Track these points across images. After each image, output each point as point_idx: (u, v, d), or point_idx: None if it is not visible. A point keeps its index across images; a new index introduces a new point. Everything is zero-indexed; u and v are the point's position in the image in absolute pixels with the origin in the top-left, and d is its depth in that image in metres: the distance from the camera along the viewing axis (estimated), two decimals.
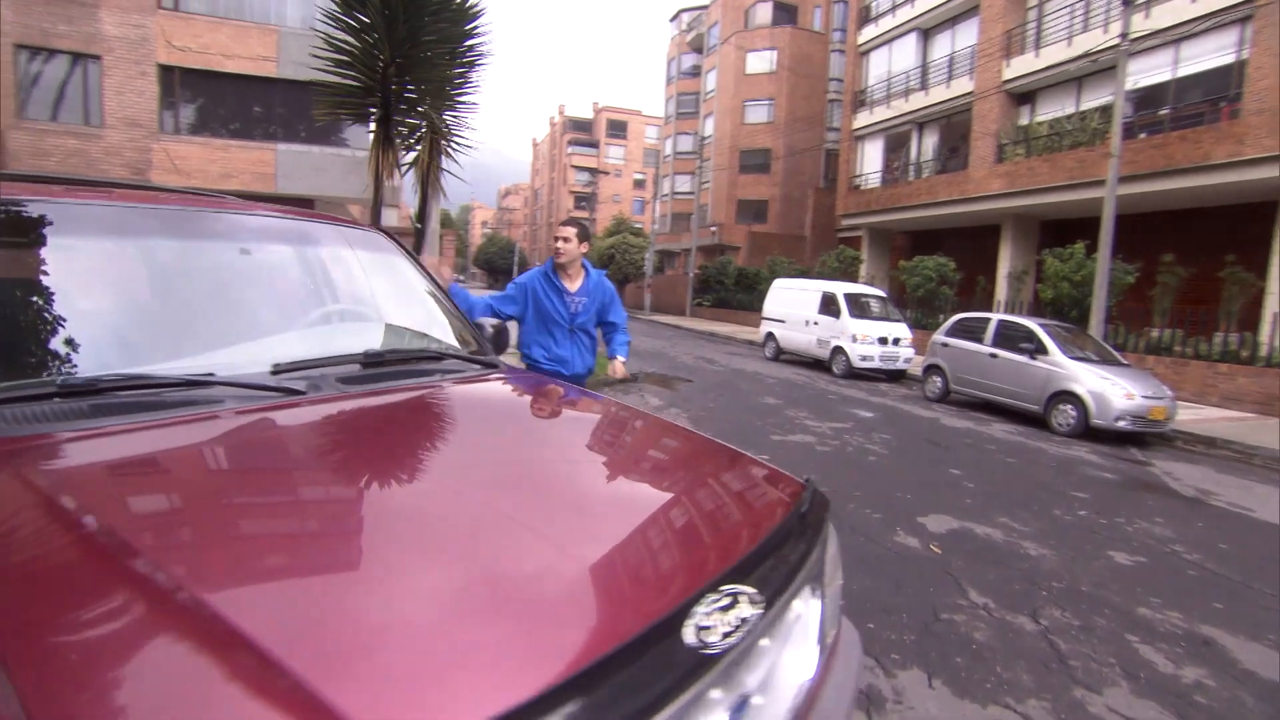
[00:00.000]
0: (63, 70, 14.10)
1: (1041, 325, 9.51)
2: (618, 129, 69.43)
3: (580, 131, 71.74)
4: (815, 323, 13.88)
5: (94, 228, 1.78)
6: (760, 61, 34.27)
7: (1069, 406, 8.60)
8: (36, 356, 1.52)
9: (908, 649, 2.94)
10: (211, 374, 1.56)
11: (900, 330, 13.11)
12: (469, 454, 1.57)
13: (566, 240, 3.53)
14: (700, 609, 1.01)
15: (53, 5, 13.66)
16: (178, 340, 1.71)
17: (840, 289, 13.75)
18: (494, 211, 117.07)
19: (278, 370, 1.68)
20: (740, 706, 1.05)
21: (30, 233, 1.69)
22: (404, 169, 10.57)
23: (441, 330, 2.44)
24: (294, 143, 15.24)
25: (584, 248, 3.60)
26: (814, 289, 14.34)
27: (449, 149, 10.27)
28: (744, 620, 1.05)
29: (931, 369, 11.01)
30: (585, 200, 69.19)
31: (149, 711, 0.71)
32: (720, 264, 30.83)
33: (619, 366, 3.79)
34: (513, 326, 3.28)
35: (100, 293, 1.75)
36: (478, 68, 9.43)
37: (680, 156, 42.97)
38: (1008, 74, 17.80)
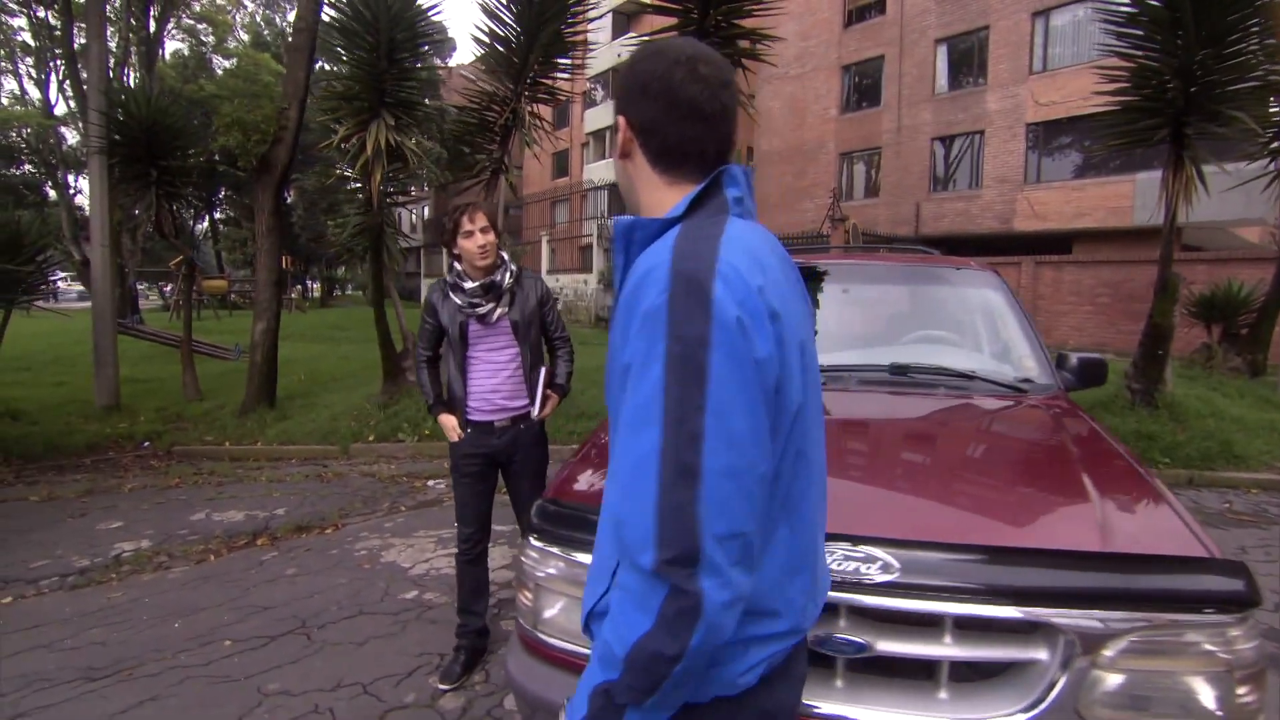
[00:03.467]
0: (957, 149, 17.71)
1: None
2: None
3: None
4: None
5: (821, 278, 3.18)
6: None
7: None
8: None
9: None
10: None
11: None
12: (884, 429, 2.14)
13: None
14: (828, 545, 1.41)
15: (955, 102, 17.36)
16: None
17: None
18: None
19: (823, 370, 2.61)
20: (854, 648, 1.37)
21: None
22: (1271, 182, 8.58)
23: (1011, 356, 2.73)
24: (1157, 170, 14.14)
25: None
26: None
27: None
28: (859, 574, 1.36)
29: None
30: None
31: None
32: None
33: None
34: None
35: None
36: None
37: None
38: None
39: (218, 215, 27.87)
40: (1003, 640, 1.40)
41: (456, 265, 2.56)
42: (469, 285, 2.50)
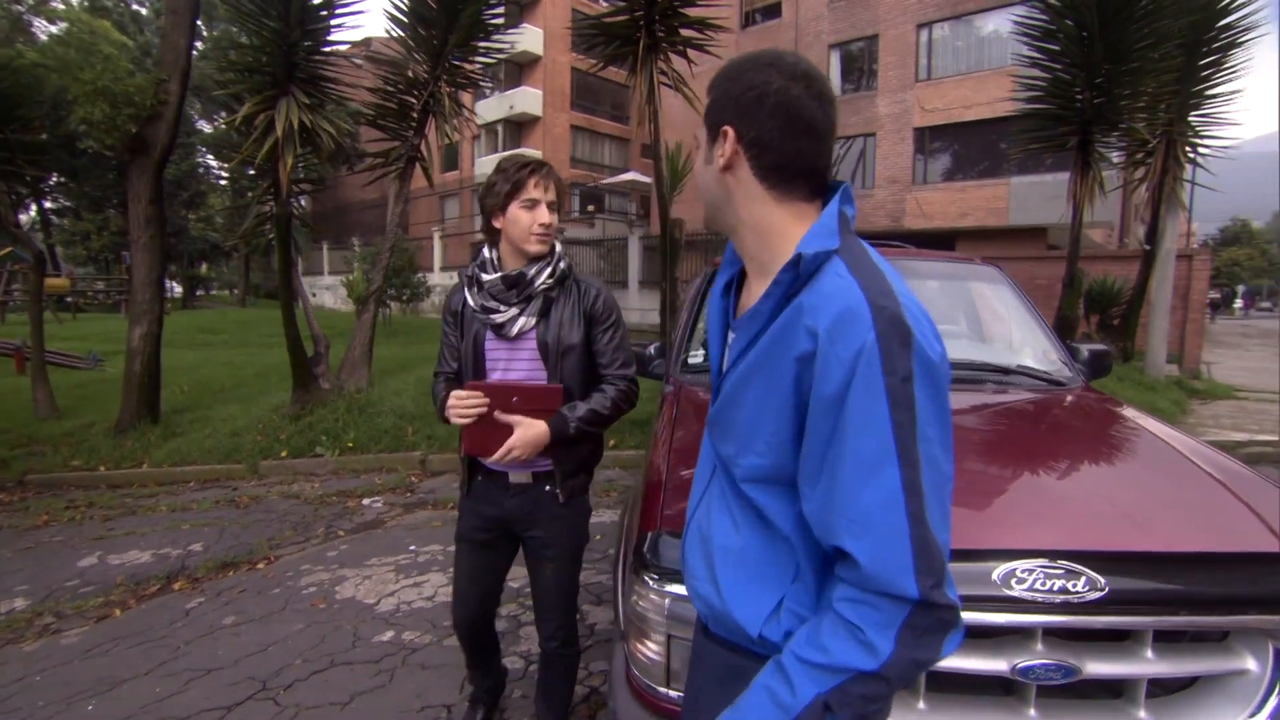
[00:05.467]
0: (850, 151, 18.65)
1: None
2: None
3: None
4: None
5: None
6: None
7: None
8: None
9: None
10: None
11: None
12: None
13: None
14: (1023, 563, 1.25)
15: (848, 104, 18.27)
16: None
17: None
18: None
19: None
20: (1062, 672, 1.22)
21: None
22: (1135, 186, 9.57)
23: (1028, 350, 2.72)
24: (1027, 174, 15.53)
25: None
26: None
27: (1191, 156, 8.74)
28: (1068, 592, 1.22)
29: None
30: None
31: None
32: None
33: None
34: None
35: None
36: (1238, 48, 7.70)
37: None
38: None
39: (48, 205, 24.23)
40: (1204, 652, 1.31)
41: (485, 251, 1.79)
42: (487, 277, 1.75)
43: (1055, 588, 1.24)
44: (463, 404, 1.63)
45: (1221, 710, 1.28)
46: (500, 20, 7.49)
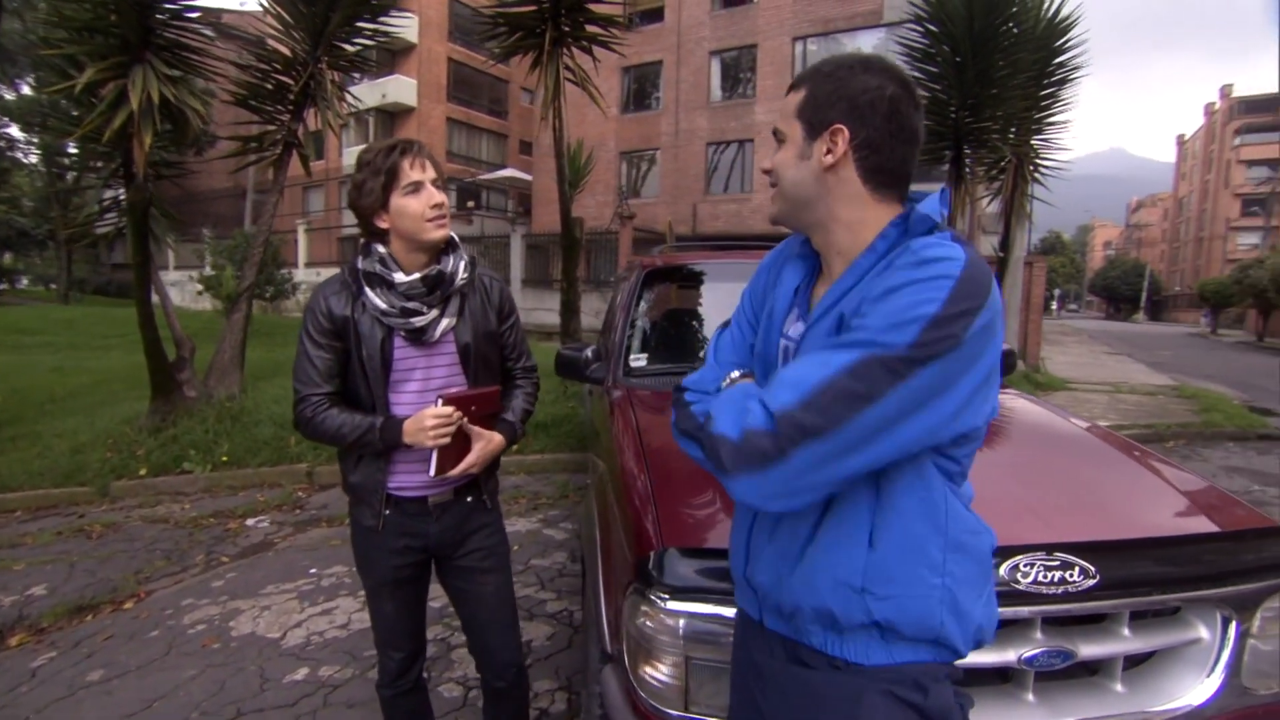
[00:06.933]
0: (730, 155, 19.37)
1: None
2: None
3: (1258, 114, 53.92)
4: None
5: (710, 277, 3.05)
6: None
7: None
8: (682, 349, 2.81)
9: None
10: None
11: None
12: None
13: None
14: (1024, 557, 1.32)
15: (728, 110, 18.98)
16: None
17: None
18: (1120, 230, 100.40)
19: None
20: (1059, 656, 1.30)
21: (688, 279, 3.07)
22: (988, 200, 10.64)
23: None
24: None
25: None
26: None
27: (1035, 175, 9.84)
28: (1066, 582, 1.29)
29: None
30: (1260, 205, 52.36)
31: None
32: None
33: None
34: None
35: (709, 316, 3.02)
36: (1069, 84, 8.76)
37: None
38: None
39: None
40: (1166, 626, 1.43)
41: (378, 248, 1.56)
42: (402, 278, 1.54)
43: (1055, 579, 1.31)
44: (447, 421, 1.51)
45: (1182, 675, 1.41)
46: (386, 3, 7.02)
